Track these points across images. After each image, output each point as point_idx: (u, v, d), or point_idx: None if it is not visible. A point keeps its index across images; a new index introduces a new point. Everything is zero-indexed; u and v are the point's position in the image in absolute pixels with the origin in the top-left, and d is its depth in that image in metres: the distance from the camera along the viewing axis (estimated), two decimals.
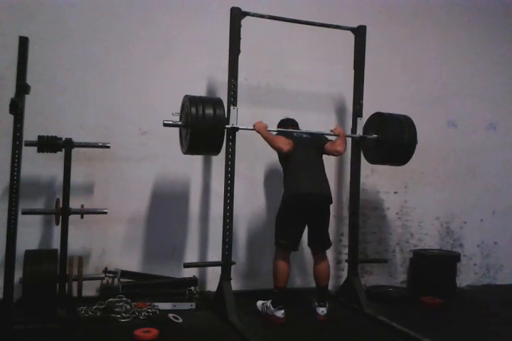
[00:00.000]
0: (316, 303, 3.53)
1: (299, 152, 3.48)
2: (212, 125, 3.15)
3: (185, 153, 3.34)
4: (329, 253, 4.36)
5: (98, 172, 3.83)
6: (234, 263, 3.60)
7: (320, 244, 3.57)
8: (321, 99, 4.39)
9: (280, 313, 3.38)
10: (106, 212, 3.48)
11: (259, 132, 3.47)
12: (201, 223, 4.12)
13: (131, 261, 3.89)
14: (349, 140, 3.98)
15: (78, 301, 3.34)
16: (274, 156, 3.69)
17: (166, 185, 4.02)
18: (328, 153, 3.62)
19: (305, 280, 4.24)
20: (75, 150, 3.38)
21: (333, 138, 3.69)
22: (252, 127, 3.49)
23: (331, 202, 3.53)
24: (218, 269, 3.55)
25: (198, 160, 4.08)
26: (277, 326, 3.33)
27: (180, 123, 3.31)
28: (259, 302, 3.55)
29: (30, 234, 3.59)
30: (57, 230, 3.41)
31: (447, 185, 4.86)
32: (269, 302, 3.45)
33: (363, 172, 4.07)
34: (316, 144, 3.59)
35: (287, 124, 3.73)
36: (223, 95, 3.51)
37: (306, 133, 3.63)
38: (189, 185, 4.10)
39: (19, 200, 3.13)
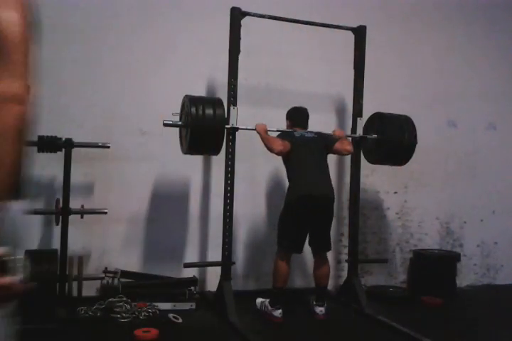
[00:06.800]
0: (315, 302, 3.53)
1: (300, 153, 3.44)
2: (212, 125, 3.15)
3: (185, 153, 3.34)
4: (329, 253, 4.37)
5: (98, 172, 3.83)
6: (234, 263, 3.61)
7: (320, 245, 3.55)
8: (321, 99, 4.39)
9: (278, 313, 3.39)
10: (106, 212, 3.49)
11: (258, 133, 3.46)
12: (201, 223, 4.12)
13: (131, 261, 3.88)
14: (349, 140, 3.99)
15: (78, 301, 3.34)
16: (274, 156, 3.68)
17: (165, 185, 4.02)
18: (337, 153, 3.60)
19: (305, 281, 4.24)
20: (75, 150, 3.38)
21: None
22: (252, 127, 3.48)
23: (333, 201, 3.50)
24: (218, 269, 3.56)
25: (198, 160, 4.08)
26: (277, 326, 3.33)
27: (180, 123, 3.31)
28: (259, 300, 3.55)
29: (30, 234, 3.59)
30: (57, 230, 3.42)
31: (447, 185, 4.86)
32: (267, 302, 3.45)
33: (363, 172, 4.07)
34: (321, 144, 3.54)
35: (295, 123, 3.66)
36: (223, 95, 3.51)
37: (310, 132, 3.61)
38: (189, 185, 4.11)
39: None
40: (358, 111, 3.92)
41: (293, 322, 3.40)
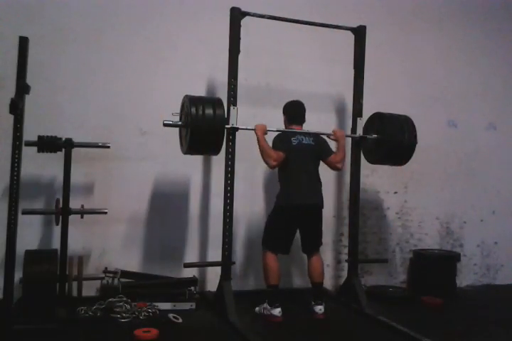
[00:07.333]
0: (313, 302, 3.55)
1: (295, 162, 3.51)
2: (212, 125, 3.14)
3: (185, 153, 3.34)
4: (329, 253, 4.40)
5: (98, 172, 3.83)
6: (234, 263, 3.61)
7: (311, 246, 3.65)
8: (321, 99, 4.39)
9: (277, 311, 3.39)
10: (106, 212, 3.49)
11: (256, 135, 3.46)
12: (201, 223, 4.12)
13: (131, 261, 3.89)
14: (349, 140, 3.98)
15: (78, 301, 3.34)
16: None
17: (166, 185, 4.02)
18: (328, 165, 3.65)
19: (304, 281, 4.23)
20: (75, 150, 3.38)
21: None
22: (252, 127, 3.48)
23: (322, 208, 3.62)
24: (218, 269, 3.56)
25: (198, 160, 4.08)
26: (277, 326, 3.33)
27: (180, 123, 3.30)
28: (257, 308, 3.55)
29: (30, 234, 3.59)
30: (57, 230, 3.41)
31: (447, 185, 4.86)
32: (265, 304, 3.45)
33: (363, 172, 4.07)
34: (317, 152, 3.60)
35: (291, 119, 3.66)
36: (223, 95, 3.50)
37: (308, 134, 3.61)
38: (189, 185, 4.11)
39: (19, 200, 3.13)
40: (358, 111, 3.92)
41: (293, 322, 3.39)
